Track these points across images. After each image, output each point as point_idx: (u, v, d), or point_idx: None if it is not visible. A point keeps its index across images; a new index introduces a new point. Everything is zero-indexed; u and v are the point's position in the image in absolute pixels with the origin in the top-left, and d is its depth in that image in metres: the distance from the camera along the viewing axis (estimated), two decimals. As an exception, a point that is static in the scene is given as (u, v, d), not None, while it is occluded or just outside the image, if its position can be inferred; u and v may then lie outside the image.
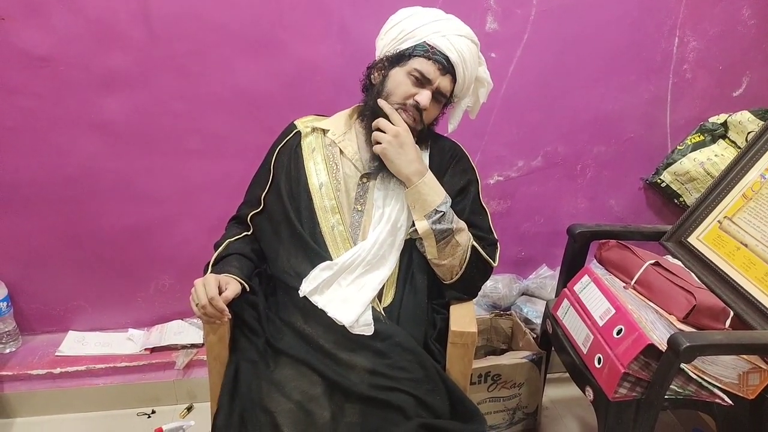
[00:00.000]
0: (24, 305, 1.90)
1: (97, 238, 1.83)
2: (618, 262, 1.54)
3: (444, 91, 1.23)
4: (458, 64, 1.21)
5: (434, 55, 1.19)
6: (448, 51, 1.19)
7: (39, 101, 1.63)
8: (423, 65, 1.19)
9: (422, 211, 1.19)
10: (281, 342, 1.18)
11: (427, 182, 1.20)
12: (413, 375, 1.13)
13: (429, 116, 1.26)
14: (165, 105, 1.70)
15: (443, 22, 1.22)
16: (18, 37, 1.55)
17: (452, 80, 1.23)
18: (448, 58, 1.20)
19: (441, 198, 1.20)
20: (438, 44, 1.19)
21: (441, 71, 1.20)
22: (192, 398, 1.87)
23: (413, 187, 1.19)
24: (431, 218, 1.18)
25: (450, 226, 1.19)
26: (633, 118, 1.98)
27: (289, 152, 1.31)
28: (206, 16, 1.61)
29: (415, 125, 1.23)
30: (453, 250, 1.21)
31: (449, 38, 1.20)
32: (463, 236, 1.22)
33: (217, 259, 1.26)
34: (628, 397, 1.28)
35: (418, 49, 1.20)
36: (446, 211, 1.19)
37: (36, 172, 1.71)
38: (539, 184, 2.04)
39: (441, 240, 1.20)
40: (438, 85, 1.21)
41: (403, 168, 1.18)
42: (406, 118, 1.21)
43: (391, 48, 1.23)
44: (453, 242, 1.21)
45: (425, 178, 1.19)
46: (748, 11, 1.86)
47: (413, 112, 1.22)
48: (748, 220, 1.48)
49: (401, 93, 1.21)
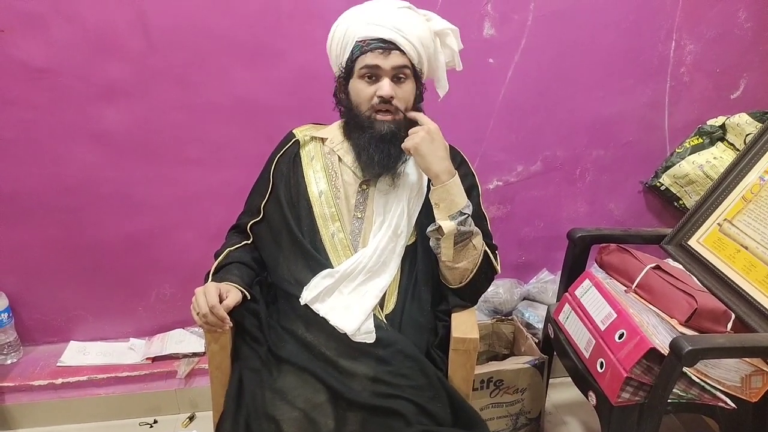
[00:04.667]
0: (25, 316, 1.89)
1: (97, 248, 1.83)
2: (619, 265, 1.55)
3: (401, 67, 1.18)
4: (395, 36, 1.17)
5: (369, 45, 1.17)
6: (378, 32, 1.17)
7: (38, 112, 1.64)
8: (365, 60, 1.17)
9: (447, 210, 1.16)
10: (283, 350, 1.18)
11: (457, 183, 1.18)
12: (415, 382, 1.13)
13: (406, 98, 1.21)
14: (164, 114, 1.70)
15: (364, 11, 1.20)
16: (17, 49, 1.56)
17: (401, 53, 1.18)
18: (382, 38, 1.16)
19: (465, 200, 1.18)
20: (368, 33, 1.17)
21: (383, 53, 1.16)
22: (194, 407, 1.87)
23: (442, 186, 1.16)
24: (456, 219, 1.16)
25: (471, 229, 1.18)
26: (631, 121, 1.98)
27: (289, 161, 1.31)
28: (204, 25, 1.62)
29: (399, 119, 1.20)
30: (469, 253, 1.20)
31: (374, 20, 1.18)
32: (478, 240, 1.22)
33: (218, 268, 1.26)
34: (631, 402, 1.28)
35: (356, 51, 1.18)
36: (469, 214, 1.18)
37: (35, 183, 1.72)
38: (539, 188, 2.04)
39: (460, 242, 1.18)
40: (390, 66, 1.17)
41: (434, 164, 1.16)
42: (383, 118, 1.19)
43: (339, 63, 1.23)
44: (470, 245, 1.20)
45: (455, 178, 1.18)
46: (744, 14, 1.87)
47: (386, 107, 1.19)
48: (747, 223, 1.48)
49: (365, 97, 1.19)
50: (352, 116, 1.23)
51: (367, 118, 1.20)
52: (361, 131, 1.21)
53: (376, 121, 1.19)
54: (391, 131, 1.19)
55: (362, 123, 1.20)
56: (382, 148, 1.20)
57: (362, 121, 1.20)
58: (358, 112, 1.21)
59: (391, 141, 1.19)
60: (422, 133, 1.16)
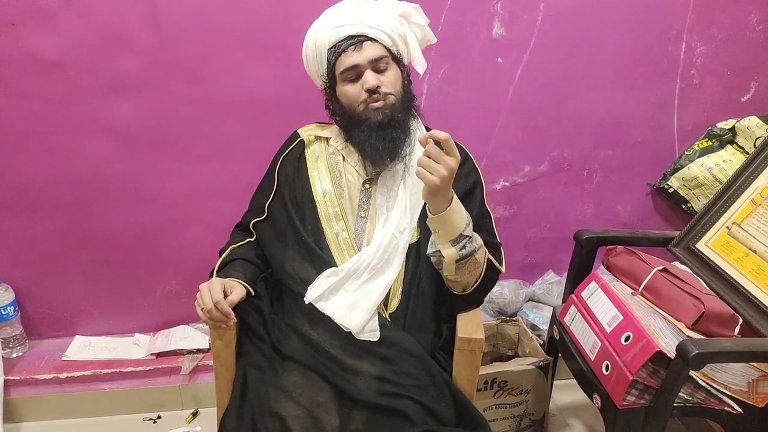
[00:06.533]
0: (31, 310, 1.90)
1: (104, 243, 1.84)
2: (625, 268, 1.54)
3: (378, 56, 1.18)
4: (362, 29, 1.18)
5: (341, 47, 1.18)
6: (345, 32, 1.18)
7: (49, 105, 1.64)
8: (343, 63, 1.18)
9: (447, 236, 1.11)
10: (287, 347, 1.18)
11: (455, 207, 1.10)
12: (419, 381, 1.13)
13: (392, 83, 1.21)
14: (174, 109, 1.71)
15: (326, 20, 1.22)
16: (29, 43, 1.57)
17: (373, 41, 1.18)
18: (350, 35, 1.18)
19: (464, 220, 1.12)
20: (336, 37, 1.19)
21: (356, 48, 1.17)
22: (198, 403, 1.87)
23: (440, 215, 1.09)
24: (457, 244, 1.11)
25: (473, 248, 1.13)
26: (640, 123, 1.97)
27: (294, 161, 1.32)
28: (215, 20, 1.62)
29: (391, 103, 1.20)
30: (471, 267, 1.17)
31: (337, 22, 1.19)
32: (481, 253, 1.17)
33: (222, 265, 1.26)
34: (636, 405, 1.27)
35: (331, 58, 1.20)
36: (471, 235, 1.13)
37: (46, 176, 1.72)
38: (546, 189, 2.04)
39: (462, 260, 1.14)
40: (367, 59, 1.17)
41: (438, 204, 1.08)
42: (376, 106, 1.19)
43: (321, 76, 1.25)
44: (472, 260, 1.15)
45: (454, 202, 1.10)
46: (757, 16, 1.86)
47: (375, 98, 1.19)
48: (756, 227, 1.46)
49: (354, 97, 1.20)
50: (347, 118, 1.23)
51: (362, 112, 1.20)
52: (359, 126, 1.21)
53: (371, 112, 1.20)
54: (387, 117, 1.19)
55: (358, 118, 1.21)
56: (383, 135, 1.20)
57: (358, 117, 1.21)
58: (352, 112, 1.22)
59: (390, 126, 1.20)
60: (446, 173, 1.02)
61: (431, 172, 1.03)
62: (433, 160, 1.02)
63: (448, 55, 1.76)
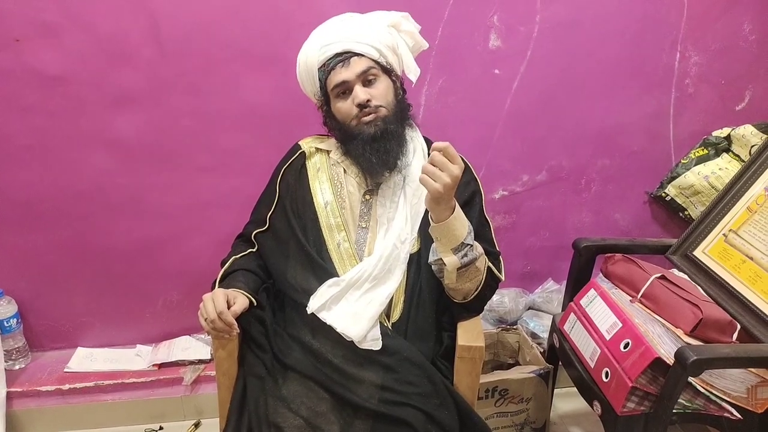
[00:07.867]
0: (33, 322, 1.91)
1: (106, 255, 1.85)
2: (624, 275, 1.55)
3: (366, 70, 1.20)
4: (347, 45, 1.20)
5: (329, 65, 1.21)
6: (331, 50, 1.20)
7: (52, 119, 1.66)
8: (333, 80, 1.21)
9: (449, 244, 1.12)
10: (289, 357, 1.19)
11: (457, 215, 1.10)
12: (422, 390, 1.14)
13: (383, 95, 1.22)
14: (175, 122, 1.73)
15: (314, 41, 1.25)
16: (32, 57, 1.59)
17: (360, 56, 1.20)
18: (337, 53, 1.20)
19: (466, 228, 1.13)
20: (324, 56, 1.22)
21: (344, 65, 1.20)
22: (200, 414, 1.87)
23: (442, 224, 1.09)
24: (459, 252, 1.12)
25: (474, 256, 1.14)
26: (636, 132, 1.99)
27: (295, 172, 1.34)
28: (216, 33, 1.64)
29: (383, 115, 1.22)
30: (472, 275, 1.18)
31: (324, 42, 1.22)
32: (482, 261, 1.19)
33: (224, 276, 1.27)
34: (636, 411, 1.28)
35: (321, 77, 1.24)
36: (472, 243, 1.14)
37: (48, 189, 1.74)
38: (544, 198, 2.05)
39: (463, 267, 1.15)
40: (354, 74, 1.20)
41: (441, 212, 1.09)
42: (367, 119, 1.21)
43: (315, 95, 1.29)
44: (473, 268, 1.17)
45: (455, 212, 1.10)
46: (749, 26, 1.88)
47: (366, 111, 1.21)
48: (753, 233, 1.48)
49: (347, 113, 1.23)
50: (343, 133, 1.26)
51: (355, 127, 1.23)
52: (354, 140, 1.23)
53: (363, 126, 1.22)
54: (379, 129, 1.21)
55: (352, 133, 1.23)
56: (377, 148, 1.21)
57: (352, 132, 1.23)
58: (346, 127, 1.24)
59: (383, 138, 1.21)
60: (449, 180, 1.03)
61: (435, 180, 1.03)
62: (437, 168, 1.03)
63: (446, 66, 1.78)
